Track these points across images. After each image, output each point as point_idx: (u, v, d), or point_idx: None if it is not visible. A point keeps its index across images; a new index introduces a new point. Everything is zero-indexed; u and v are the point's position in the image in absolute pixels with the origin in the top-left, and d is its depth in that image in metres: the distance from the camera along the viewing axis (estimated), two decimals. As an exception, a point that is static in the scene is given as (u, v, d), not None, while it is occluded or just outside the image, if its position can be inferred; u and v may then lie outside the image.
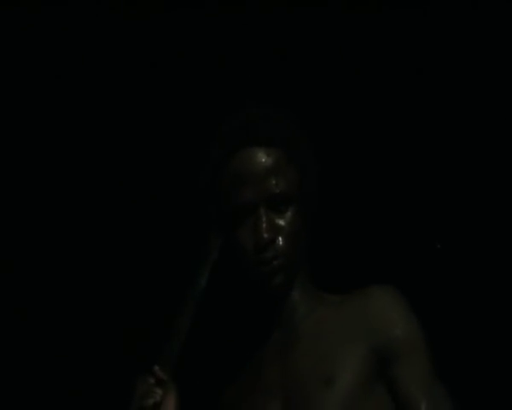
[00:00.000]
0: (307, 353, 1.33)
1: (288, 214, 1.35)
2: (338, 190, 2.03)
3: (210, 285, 1.37)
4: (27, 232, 2.23)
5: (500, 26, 2.19)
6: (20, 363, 2.20)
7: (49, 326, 2.21)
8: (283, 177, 1.35)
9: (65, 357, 2.19)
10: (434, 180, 2.22)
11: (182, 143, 2.14)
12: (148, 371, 1.30)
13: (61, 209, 2.24)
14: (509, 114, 2.21)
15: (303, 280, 1.40)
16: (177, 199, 2.05)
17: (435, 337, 1.34)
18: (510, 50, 2.20)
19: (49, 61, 2.23)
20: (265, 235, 1.31)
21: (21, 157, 2.25)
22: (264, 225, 1.31)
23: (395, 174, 2.22)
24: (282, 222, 1.34)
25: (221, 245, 1.37)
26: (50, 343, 2.21)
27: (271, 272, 1.32)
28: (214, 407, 1.43)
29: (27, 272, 2.23)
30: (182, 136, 2.16)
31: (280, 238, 1.33)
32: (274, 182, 1.33)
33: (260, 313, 1.41)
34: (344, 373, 1.27)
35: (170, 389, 1.29)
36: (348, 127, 2.21)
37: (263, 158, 1.34)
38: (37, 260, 2.23)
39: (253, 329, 1.43)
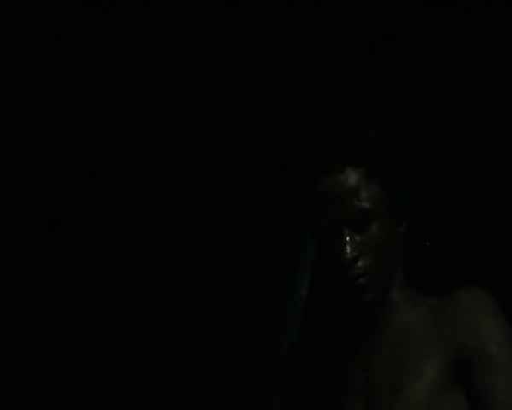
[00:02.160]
0: (387, 358, 1.37)
1: (372, 231, 1.38)
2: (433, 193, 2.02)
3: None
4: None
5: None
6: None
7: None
8: (364, 195, 1.38)
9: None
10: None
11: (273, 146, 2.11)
12: None
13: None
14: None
15: (401, 284, 1.43)
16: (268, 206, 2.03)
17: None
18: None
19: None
20: (349, 255, 1.34)
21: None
22: (347, 245, 1.35)
23: (491, 175, 2.21)
24: (365, 240, 1.37)
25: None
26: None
27: (359, 290, 1.36)
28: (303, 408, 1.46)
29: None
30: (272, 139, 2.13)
31: (364, 256, 1.36)
32: (355, 202, 1.37)
33: (353, 319, 1.45)
34: (417, 382, 1.31)
35: None
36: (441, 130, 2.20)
37: (342, 180, 1.38)
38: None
39: (345, 333, 1.47)
